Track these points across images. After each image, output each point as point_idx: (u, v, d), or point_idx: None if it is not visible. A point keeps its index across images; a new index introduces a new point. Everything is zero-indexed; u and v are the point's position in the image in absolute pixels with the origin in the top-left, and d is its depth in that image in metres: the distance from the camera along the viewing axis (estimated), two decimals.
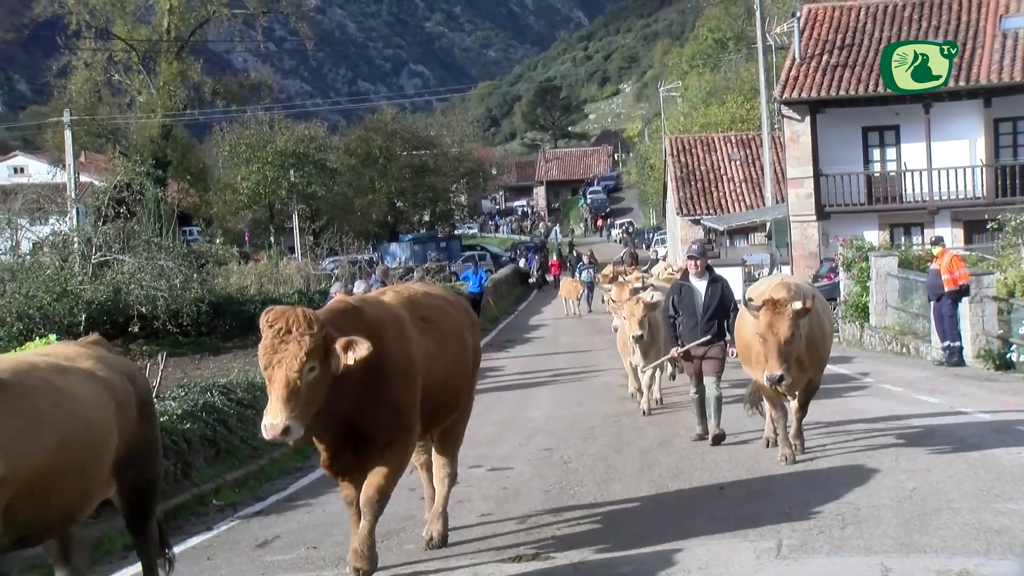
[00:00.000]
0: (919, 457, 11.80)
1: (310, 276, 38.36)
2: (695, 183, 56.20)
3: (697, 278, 13.55)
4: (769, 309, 11.11)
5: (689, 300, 13.42)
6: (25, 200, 35.53)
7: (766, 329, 11.06)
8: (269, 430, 7.57)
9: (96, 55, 59.33)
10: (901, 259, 27.43)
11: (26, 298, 28.03)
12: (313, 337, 7.63)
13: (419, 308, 9.14)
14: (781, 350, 11.00)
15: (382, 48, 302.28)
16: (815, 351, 11.95)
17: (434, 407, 8.93)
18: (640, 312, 16.04)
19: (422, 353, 8.71)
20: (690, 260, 13.72)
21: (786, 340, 11.02)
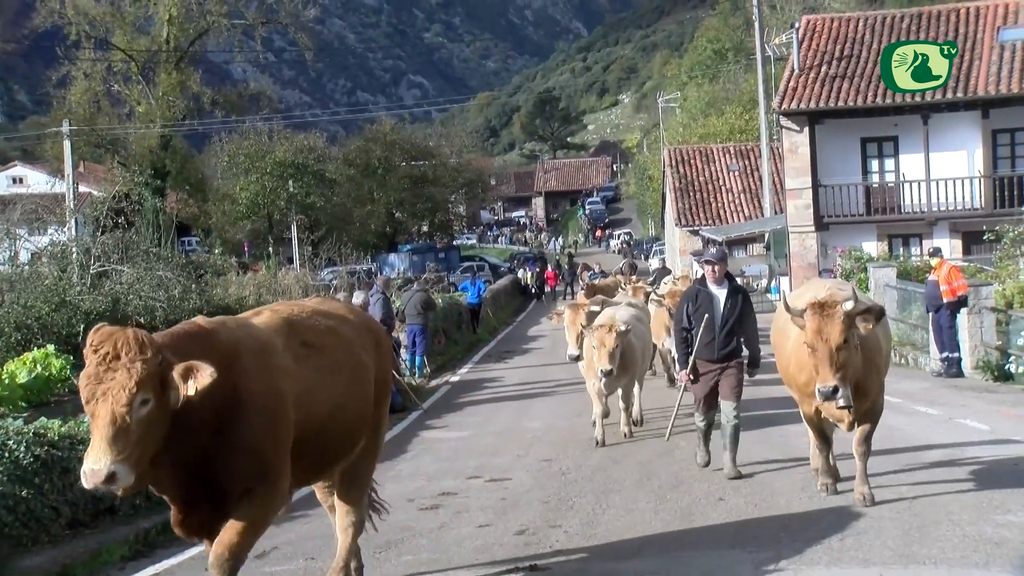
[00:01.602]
0: (918, 468, 11.80)
1: (309, 286, 38.28)
2: (694, 194, 56.20)
3: (716, 285, 11.93)
4: (816, 312, 9.53)
5: (707, 310, 11.79)
6: (24, 210, 35.52)
7: (814, 336, 9.46)
8: (90, 477, 6.19)
9: (96, 65, 59.45)
10: (900, 270, 27.45)
11: (24, 308, 27.93)
12: (146, 364, 6.37)
13: (300, 331, 7.81)
14: (833, 358, 9.40)
15: (381, 59, 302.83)
16: (873, 364, 10.15)
17: (320, 448, 7.74)
18: (612, 343, 14.15)
19: (298, 385, 7.41)
20: (707, 265, 12.03)
21: (838, 346, 9.41)
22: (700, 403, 12.11)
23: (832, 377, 9.38)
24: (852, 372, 9.63)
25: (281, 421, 7.18)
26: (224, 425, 6.85)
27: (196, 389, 6.41)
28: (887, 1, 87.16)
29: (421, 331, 26.45)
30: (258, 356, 7.22)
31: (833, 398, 9.45)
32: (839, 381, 9.39)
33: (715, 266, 11.93)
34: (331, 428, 7.80)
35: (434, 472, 14.01)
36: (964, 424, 14.97)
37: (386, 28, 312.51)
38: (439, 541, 10.25)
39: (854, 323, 9.54)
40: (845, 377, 9.49)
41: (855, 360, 9.66)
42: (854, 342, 9.59)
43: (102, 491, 6.76)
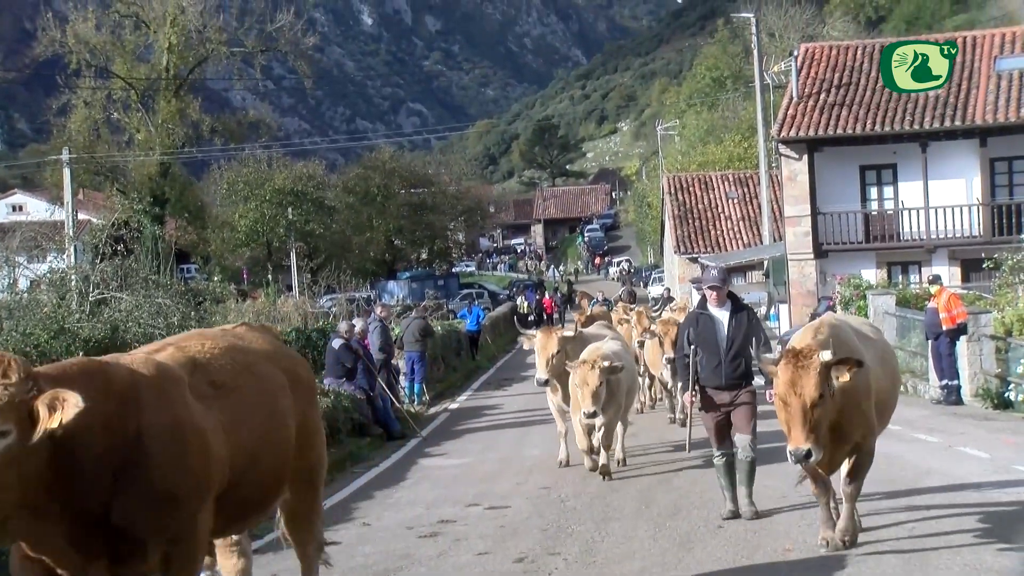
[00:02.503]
0: (918, 496, 11.78)
1: (308, 314, 38.22)
2: (693, 221, 56.28)
3: (717, 307, 11.22)
4: (790, 362, 8.63)
5: (709, 334, 11.07)
6: (23, 238, 35.49)
7: (787, 389, 8.56)
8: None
9: (95, 94, 59.63)
10: (898, 297, 27.46)
11: (23, 336, 27.83)
12: (7, 390, 5.41)
13: (209, 369, 6.85)
14: (807, 415, 8.47)
15: (380, 87, 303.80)
16: (858, 408, 9.22)
17: (231, 498, 6.71)
18: (596, 381, 13.28)
19: (209, 426, 6.51)
20: (709, 291, 11.28)
21: (813, 402, 8.48)
22: (712, 436, 11.32)
23: (804, 438, 8.46)
24: (825, 428, 8.75)
25: (199, 462, 6.26)
26: (127, 470, 5.92)
27: (61, 422, 5.40)
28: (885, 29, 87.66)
29: (420, 358, 26.46)
30: (161, 388, 6.31)
31: (805, 462, 8.62)
32: (814, 442, 8.50)
33: (717, 291, 11.22)
34: (248, 476, 6.84)
35: (433, 500, 13.98)
36: (964, 452, 14.95)
37: (385, 56, 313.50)
38: (438, 569, 10.23)
39: (829, 375, 8.63)
40: (819, 438, 8.59)
41: (830, 414, 8.76)
42: (831, 392, 8.68)
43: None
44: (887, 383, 10.01)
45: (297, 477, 7.57)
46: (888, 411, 10.24)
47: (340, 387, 20.23)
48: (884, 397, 9.89)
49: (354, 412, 20.15)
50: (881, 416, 9.94)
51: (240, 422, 6.80)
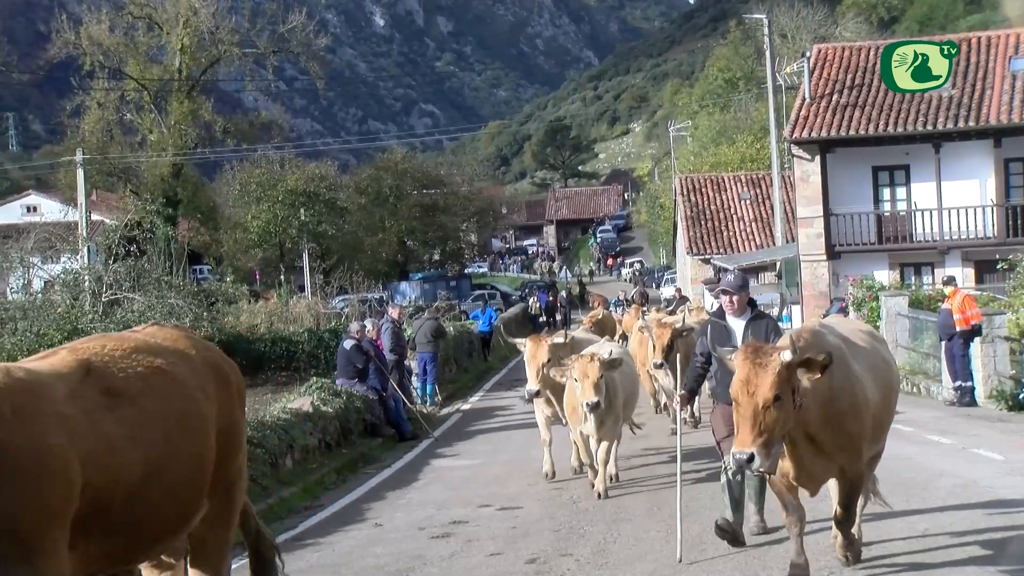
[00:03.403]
0: (931, 498, 11.74)
1: (320, 315, 38.34)
2: (705, 222, 56.23)
3: (735, 316, 10.15)
4: (747, 358, 7.88)
5: (724, 344, 9.57)
6: (37, 239, 35.69)
7: (740, 387, 7.75)
8: None
9: (109, 95, 59.77)
10: (911, 299, 27.38)
11: (37, 336, 28.04)
12: None
13: (102, 376, 6.15)
14: (758, 417, 7.63)
15: (392, 88, 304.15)
16: (840, 427, 8.35)
17: (129, 521, 6.07)
18: (596, 373, 12.67)
19: (90, 442, 5.77)
20: (724, 296, 10.23)
21: (766, 402, 7.64)
22: (721, 447, 10.04)
23: (751, 441, 7.59)
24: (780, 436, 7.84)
25: (48, 485, 5.50)
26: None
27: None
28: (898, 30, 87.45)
29: (432, 359, 26.47)
30: (21, 404, 5.59)
31: (748, 468, 7.71)
32: (760, 447, 7.60)
33: (733, 296, 10.08)
34: (146, 495, 6.12)
35: (445, 500, 13.98)
36: (978, 453, 14.90)
37: (397, 57, 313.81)
38: (450, 570, 10.23)
39: (794, 376, 7.79)
40: (770, 443, 7.69)
41: (788, 421, 7.84)
42: (792, 400, 7.80)
43: None
44: (879, 398, 8.89)
45: (212, 492, 6.77)
46: (883, 429, 9.32)
47: (352, 388, 20.25)
48: (877, 413, 8.85)
49: (366, 413, 20.19)
50: (874, 436, 8.97)
51: (139, 433, 6.10)
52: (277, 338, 32.13)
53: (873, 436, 8.96)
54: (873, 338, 9.79)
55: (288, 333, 33.02)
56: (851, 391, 8.42)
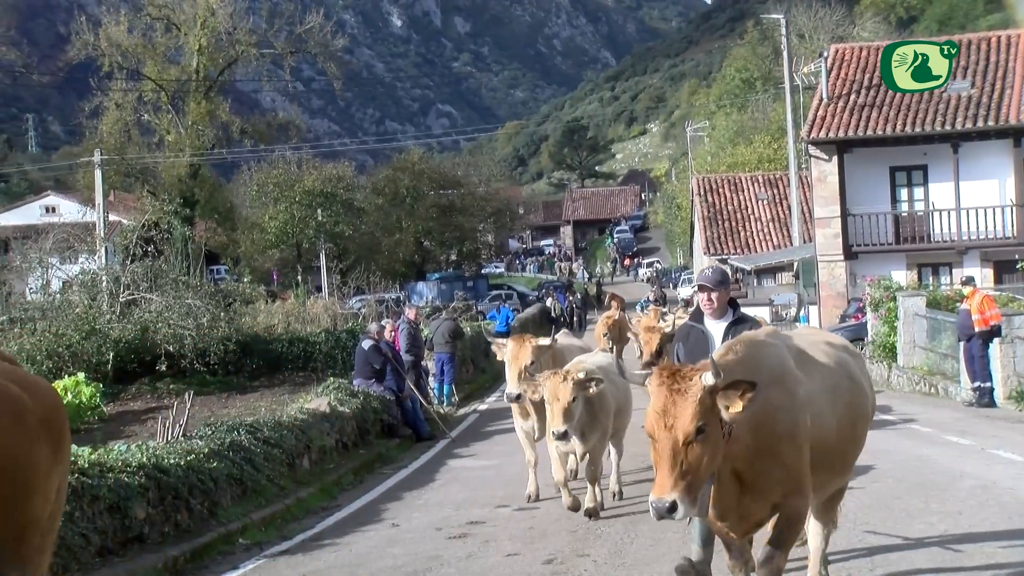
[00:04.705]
0: (950, 499, 11.69)
1: (337, 315, 38.31)
2: (722, 223, 56.21)
3: (713, 319, 8.79)
4: (663, 383, 6.47)
5: (701, 352, 8.24)
6: (56, 239, 35.77)
7: (656, 419, 6.40)
8: None
9: (127, 96, 59.91)
10: (929, 299, 27.31)
11: (55, 336, 28.14)
12: None
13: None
14: (677, 455, 6.26)
15: (410, 88, 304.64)
16: (776, 457, 6.96)
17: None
18: (567, 395, 11.26)
19: None
20: (701, 292, 8.83)
21: (687, 437, 6.27)
22: None
23: (671, 486, 6.25)
24: (707, 474, 6.51)
25: None
26: None
27: None
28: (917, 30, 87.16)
29: (449, 359, 26.49)
30: None
31: (670, 517, 6.29)
32: (683, 492, 6.26)
33: (712, 293, 8.75)
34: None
35: (462, 501, 13.98)
36: (997, 455, 14.84)
37: (415, 58, 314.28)
38: (467, 570, 10.22)
39: (716, 404, 6.46)
40: (695, 485, 6.35)
41: (716, 456, 6.51)
42: (719, 429, 6.51)
43: None
44: (836, 423, 7.55)
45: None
46: (840, 461, 7.84)
47: (369, 388, 20.27)
48: (830, 441, 7.46)
49: (383, 413, 20.20)
50: (824, 467, 7.49)
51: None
52: (294, 338, 32.11)
53: (832, 468, 7.66)
54: (844, 353, 8.25)
55: (305, 333, 33.00)
56: (791, 414, 7.03)
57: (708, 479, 6.56)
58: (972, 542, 9.75)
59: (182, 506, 11.90)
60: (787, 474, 6.99)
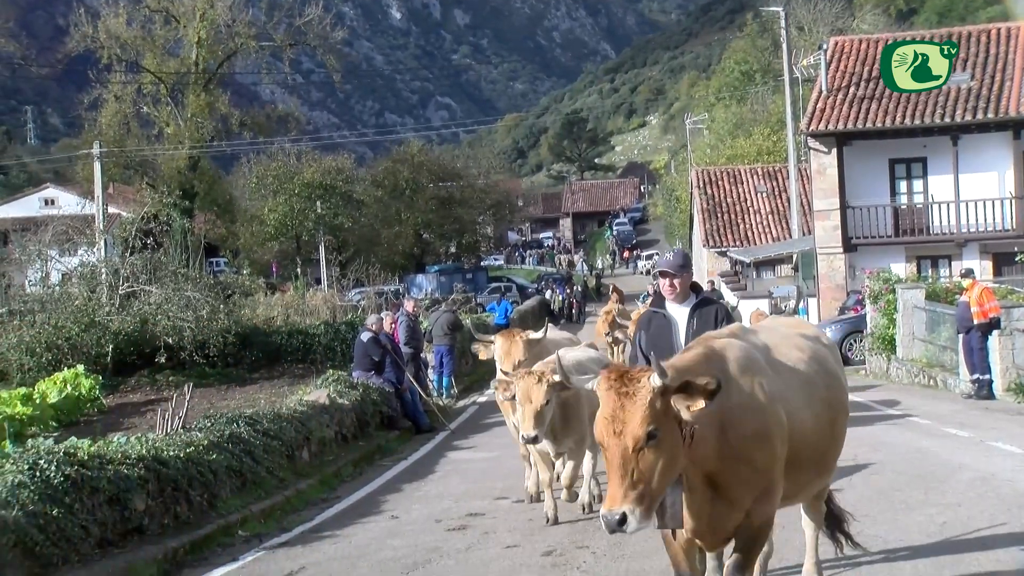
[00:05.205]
0: (949, 491, 11.70)
1: (336, 307, 38.34)
2: (721, 215, 56.16)
3: (677, 303, 8.33)
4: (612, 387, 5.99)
5: (663, 341, 8.08)
6: (55, 231, 35.73)
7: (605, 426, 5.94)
8: None
9: (126, 88, 59.90)
10: (928, 291, 27.31)
11: (55, 328, 28.16)
12: None
13: None
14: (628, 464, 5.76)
15: (409, 80, 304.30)
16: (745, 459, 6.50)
17: None
18: (540, 398, 10.50)
19: None
20: (663, 278, 8.35)
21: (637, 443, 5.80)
22: None
23: (622, 497, 5.80)
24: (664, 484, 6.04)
25: None
26: None
27: None
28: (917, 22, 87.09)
29: (448, 351, 26.50)
30: None
31: (620, 530, 5.81)
32: (635, 503, 5.80)
33: (674, 278, 8.26)
34: None
35: (461, 493, 13.99)
36: (996, 447, 14.85)
37: (414, 50, 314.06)
38: (467, 562, 10.23)
39: (670, 406, 6.02)
40: (648, 495, 5.88)
41: (673, 463, 6.05)
42: (677, 434, 6.06)
43: None
44: (813, 420, 7.09)
45: None
46: (820, 459, 7.36)
47: (368, 380, 20.28)
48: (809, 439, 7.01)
49: (383, 405, 20.21)
50: (805, 466, 7.13)
51: None
52: (294, 330, 32.14)
53: (813, 467, 7.24)
54: (819, 345, 7.82)
55: (305, 326, 33.02)
56: (759, 413, 6.58)
57: (676, 488, 6.24)
58: (971, 533, 9.76)
59: (182, 498, 11.91)
60: (758, 476, 6.56)
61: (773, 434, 6.60)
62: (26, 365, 27.73)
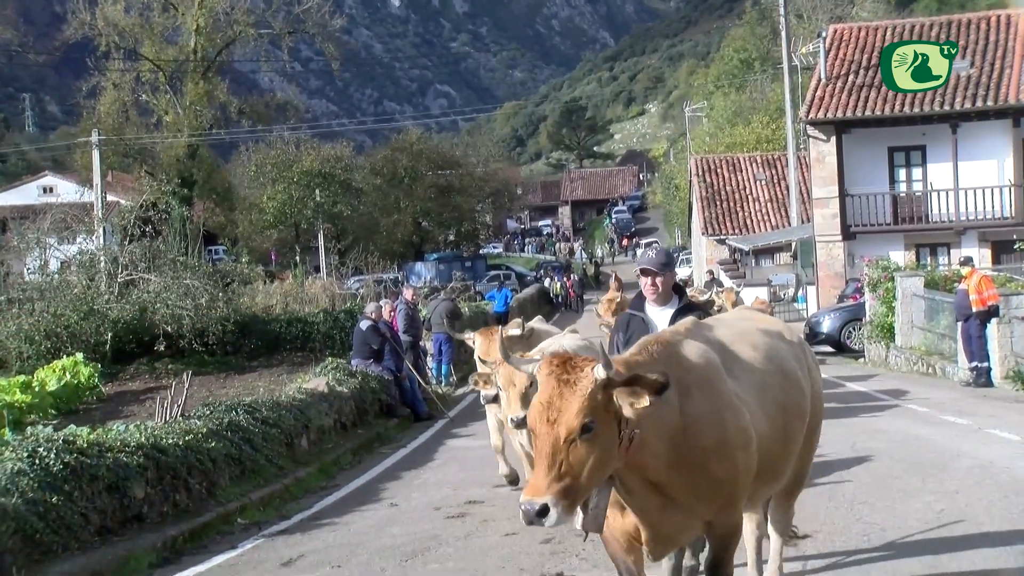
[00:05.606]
0: (947, 479, 11.71)
1: (335, 295, 38.34)
2: (720, 203, 56.14)
3: (657, 306, 7.91)
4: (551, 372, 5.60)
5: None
6: (54, 219, 35.73)
7: (539, 412, 5.53)
8: None
9: (124, 76, 59.86)
10: (927, 279, 27.31)
11: (54, 316, 28.20)
12: None
13: None
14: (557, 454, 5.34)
15: (408, 68, 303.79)
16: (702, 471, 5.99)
17: None
18: (524, 380, 10.19)
19: None
20: (643, 276, 7.90)
21: (570, 435, 5.38)
22: None
23: (546, 487, 5.36)
24: (593, 481, 5.55)
25: None
26: None
27: None
28: (916, 9, 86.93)
29: (447, 340, 26.49)
30: None
31: (539, 522, 5.37)
32: (559, 495, 5.36)
33: (656, 277, 7.85)
34: None
35: (460, 481, 14.00)
36: (994, 434, 14.86)
37: (413, 38, 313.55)
38: (465, 550, 10.25)
39: (612, 402, 5.54)
40: (574, 490, 5.43)
41: (606, 462, 5.56)
42: (615, 432, 5.57)
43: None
44: (765, 428, 6.48)
45: None
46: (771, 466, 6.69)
47: (367, 368, 20.29)
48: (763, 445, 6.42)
49: (382, 393, 20.22)
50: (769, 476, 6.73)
51: None
52: (293, 319, 32.18)
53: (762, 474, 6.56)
54: (779, 342, 7.22)
55: (304, 314, 33.06)
56: (719, 421, 6.07)
57: (604, 490, 5.73)
58: (969, 521, 9.77)
59: (181, 486, 11.93)
60: (715, 488, 6.07)
61: (734, 442, 6.10)
62: (25, 353, 27.78)
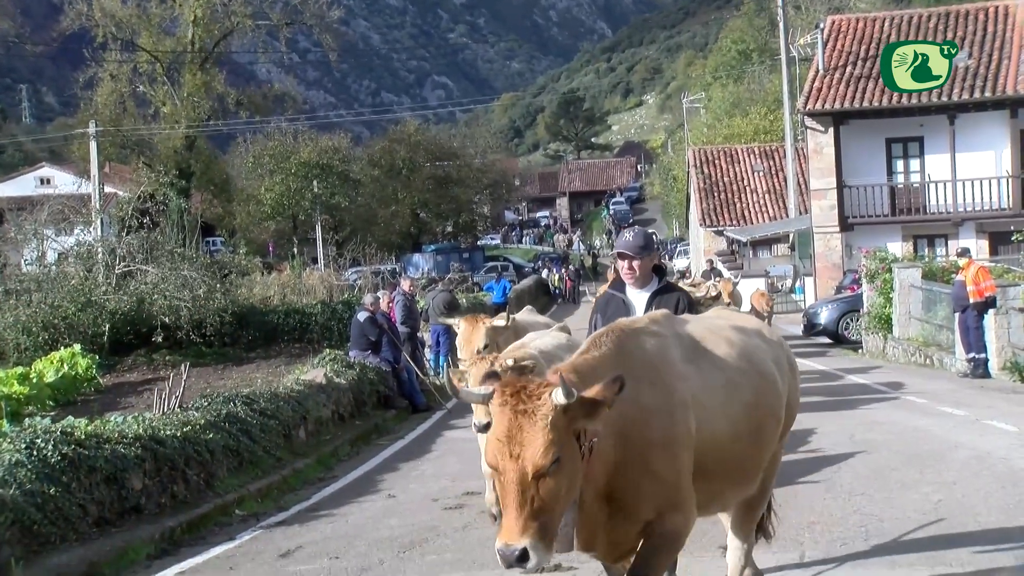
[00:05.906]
0: (944, 470, 11.72)
1: (333, 287, 38.34)
2: (718, 194, 56.15)
3: (636, 288, 7.82)
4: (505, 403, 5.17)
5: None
6: (51, 211, 35.72)
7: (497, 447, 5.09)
8: None
9: (121, 67, 59.81)
10: (925, 271, 27.31)
11: (51, 308, 28.18)
12: None
13: None
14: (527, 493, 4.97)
15: (406, 59, 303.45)
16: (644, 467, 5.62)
17: None
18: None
19: None
20: (621, 260, 7.81)
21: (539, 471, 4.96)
22: None
23: (521, 531, 4.96)
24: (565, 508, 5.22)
25: None
26: None
27: None
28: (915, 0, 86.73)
29: (445, 331, 26.48)
30: None
31: (520, 567, 4.95)
32: (536, 536, 4.97)
33: (633, 260, 7.70)
34: None
35: (458, 472, 13.99)
36: (991, 425, 14.86)
37: (411, 29, 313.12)
38: (463, 541, 10.25)
39: (574, 423, 5.14)
40: (550, 526, 5.08)
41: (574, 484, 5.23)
42: (577, 452, 5.20)
43: None
44: (726, 423, 6.19)
45: None
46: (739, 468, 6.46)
47: (365, 360, 20.28)
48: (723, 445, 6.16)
49: (380, 384, 20.22)
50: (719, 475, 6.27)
51: None
52: (290, 310, 32.17)
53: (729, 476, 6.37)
54: (757, 340, 6.91)
55: (301, 305, 33.04)
56: (667, 416, 5.78)
57: (570, 509, 5.34)
58: (966, 512, 9.78)
59: (179, 477, 11.93)
60: (660, 487, 5.71)
61: (680, 440, 5.79)
62: (23, 344, 27.77)
